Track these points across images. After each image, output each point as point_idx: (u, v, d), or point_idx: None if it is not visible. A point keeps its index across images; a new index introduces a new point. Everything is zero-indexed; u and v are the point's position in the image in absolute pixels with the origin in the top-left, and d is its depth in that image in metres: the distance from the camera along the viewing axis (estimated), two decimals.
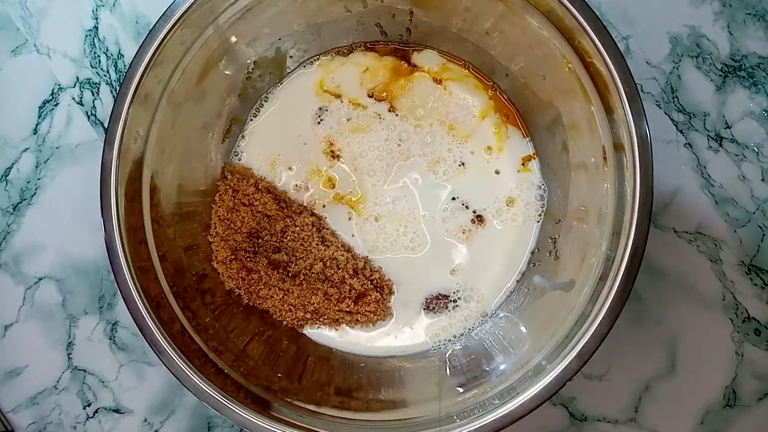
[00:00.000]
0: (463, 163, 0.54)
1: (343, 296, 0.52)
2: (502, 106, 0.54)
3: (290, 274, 0.52)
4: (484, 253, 0.53)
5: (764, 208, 0.53)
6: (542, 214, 0.53)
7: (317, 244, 0.52)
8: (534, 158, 0.54)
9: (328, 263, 0.52)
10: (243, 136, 0.56)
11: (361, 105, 0.55)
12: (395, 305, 0.54)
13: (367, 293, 0.52)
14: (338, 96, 0.55)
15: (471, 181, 0.54)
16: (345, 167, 0.55)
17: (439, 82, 0.55)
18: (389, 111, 0.55)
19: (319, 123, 0.55)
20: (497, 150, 0.54)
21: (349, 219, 0.54)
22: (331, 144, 0.55)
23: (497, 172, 0.54)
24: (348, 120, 0.55)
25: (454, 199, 0.54)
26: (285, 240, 0.53)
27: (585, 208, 0.48)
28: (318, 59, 0.56)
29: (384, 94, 0.55)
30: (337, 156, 0.55)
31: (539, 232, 0.53)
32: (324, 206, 0.55)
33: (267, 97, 0.56)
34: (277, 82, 0.56)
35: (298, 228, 0.53)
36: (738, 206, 0.53)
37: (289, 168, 0.55)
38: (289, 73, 0.56)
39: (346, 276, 0.52)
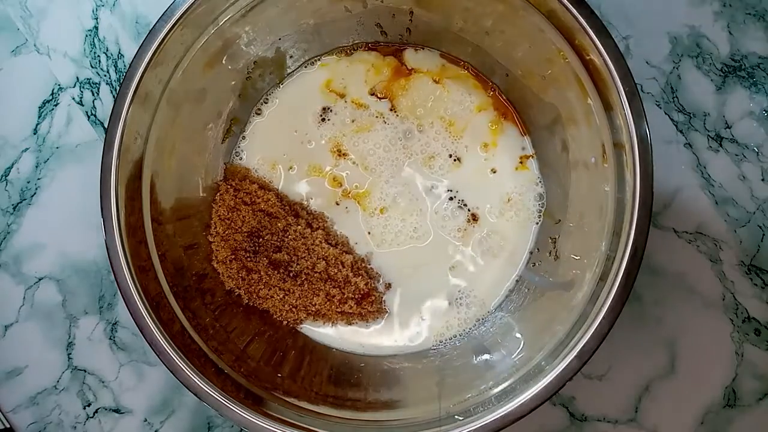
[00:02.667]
0: (458, 158, 0.54)
1: (345, 297, 0.52)
2: (501, 106, 0.54)
3: (291, 274, 0.52)
4: (483, 253, 0.53)
5: (764, 208, 0.53)
6: (542, 213, 0.53)
7: (320, 242, 0.52)
8: (532, 157, 0.54)
9: (331, 262, 0.52)
10: (244, 137, 0.56)
11: (364, 105, 0.55)
12: (397, 305, 0.54)
13: (370, 293, 0.52)
14: (342, 96, 0.55)
15: (468, 178, 0.54)
16: (351, 165, 0.55)
17: (437, 82, 0.55)
18: (390, 110, 0.55)
19: (323, 123, 0.55)
20: (492, 145, 0.54)
21: (356, 215, 0.54)
22: (338, 144, 0.55)
23: (494, 171, 0.54)
24: (352, 121, 0.55)
25: (452, 199, 0.54)
26: (286, 239, 0.53)
27: (585, 208, 0.48)
28: (319, 59, 0.56)
29: (385, 92, 0.55)
30: (344, 154, 0.55)
31: (539, 232, 0.53)
32: (338, 203, 0.55)
33: (267, 98, 0.56)
34: (278, 83, 0.56)
35: (300, 227, 0.53)
36: (738, 206, 0.53)
37: (290, 168, 0.55)
38: (290, 73, 0.56)
39: (350, 275, 0.52)
